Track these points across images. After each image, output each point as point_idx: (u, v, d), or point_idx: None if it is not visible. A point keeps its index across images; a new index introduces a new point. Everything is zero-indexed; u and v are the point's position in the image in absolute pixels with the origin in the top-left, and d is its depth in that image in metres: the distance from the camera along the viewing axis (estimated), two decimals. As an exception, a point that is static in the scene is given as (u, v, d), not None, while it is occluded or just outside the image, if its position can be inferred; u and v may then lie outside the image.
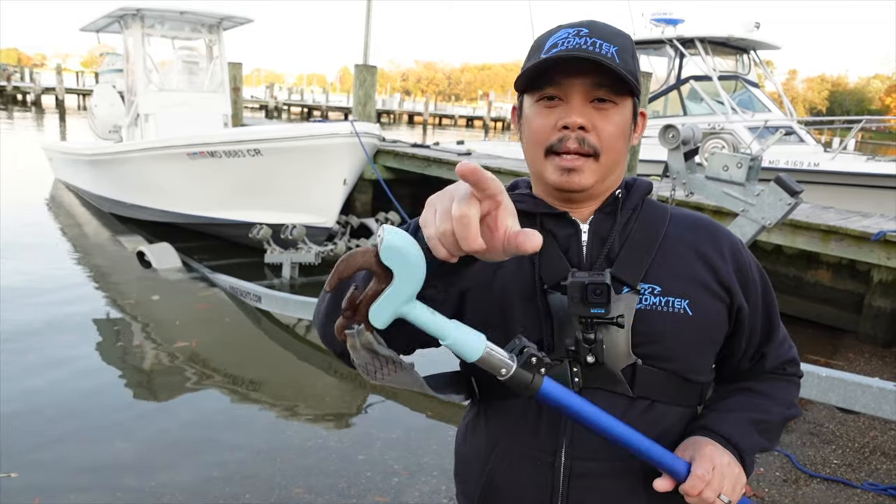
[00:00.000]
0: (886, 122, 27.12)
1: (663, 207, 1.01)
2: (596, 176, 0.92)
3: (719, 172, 3.59)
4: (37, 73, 36.18)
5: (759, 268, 1.01)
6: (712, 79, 10.40)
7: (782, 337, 1.05)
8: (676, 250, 0.94)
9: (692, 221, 0.99)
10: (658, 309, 0.90)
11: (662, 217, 0.98)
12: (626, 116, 0.92)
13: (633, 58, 0.91)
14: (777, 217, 3.39)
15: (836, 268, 5.70)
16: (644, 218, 0.97)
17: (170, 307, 5.55)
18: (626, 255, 0.93)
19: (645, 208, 0.98)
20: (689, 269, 0.93)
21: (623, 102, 0.91)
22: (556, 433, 0.91)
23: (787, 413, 1.03)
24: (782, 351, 1.05)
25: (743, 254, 0.99)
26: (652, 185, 1.02)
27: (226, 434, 3.47)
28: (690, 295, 0.91)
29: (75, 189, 10.20)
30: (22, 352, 4.32)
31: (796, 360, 1.07)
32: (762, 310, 1.00)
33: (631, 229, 0.95)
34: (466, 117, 46.93)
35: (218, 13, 8.27)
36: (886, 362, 4.92)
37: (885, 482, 3.16)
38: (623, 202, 0.97)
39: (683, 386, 0.94)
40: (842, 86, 77.23)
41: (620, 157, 0.94)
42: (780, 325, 1.05)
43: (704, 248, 0.95)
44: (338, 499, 2.90)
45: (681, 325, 0.90)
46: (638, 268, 0.92)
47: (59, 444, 3.28)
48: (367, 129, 6.32)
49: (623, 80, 0.87)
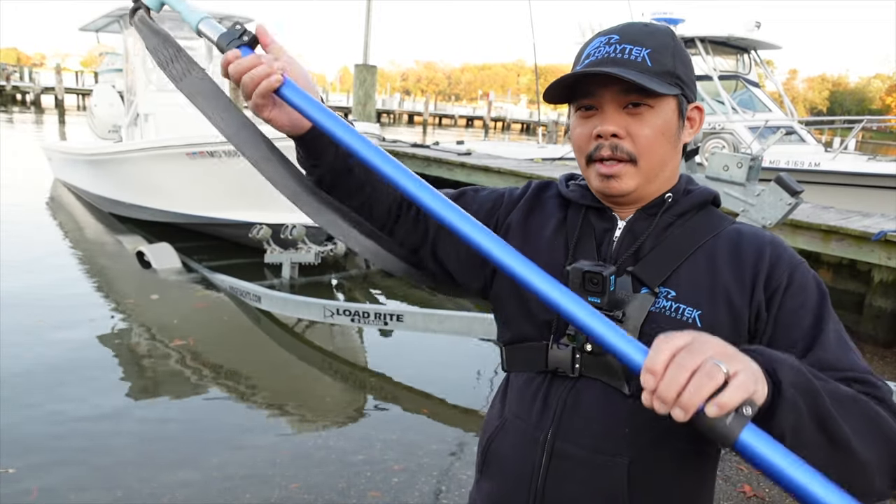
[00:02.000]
0: (887, 121, 27.12)
1: (722, 220, 0.97)
2: (637, 180, 0.93)
3: (719, 172, 3.59)
4: (36, 73, 36.23)
5: (814, 287, 0.90)
6: (713, 78, 10.40)
7: (839, 359, 0.85)
8: (708, 261, 0.91)
9: (744, 237, 0.93)
10: (667, 314, 0.89)
11: (712, 228, 0.95)
12: (666, 117, 0.91)
13: (672, 55, 0.92)
14: (777, 217, 3.38)
15: (836, 268, 5.70)
16: (690, 226, 0.95)
17: (169, 307, 5.55)
18: (654, 256, 0.93)
19: (697, 217, 0.96)
20: (711, 281, 0.90)
21: (660, 103, 0.91)
22: (550, 410, 0.94)
23: (862, 399, 0.78)
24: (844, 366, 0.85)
25: (779, 271, 0.89)
26: (714, 195, 0.98)
27: (225, 434, 3.47)
28: (704, 306, 0.88)
29: (75, 189, 10.19)
30: (21, 350, 4.31)
31: (872, 383, 0.83)
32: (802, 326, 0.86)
33: (670, 234, 0.95)
34: (466, 117, 46.95)
35: (217, 13, 8.26)
36: (887, 362, 4.92)
37: (886, 482, 3.15)
38: (670, 206, 0.96)
39: None
40: (842, 85, 77.23)
41: (665, 158, 0.94)
42: (833, 347, 0.86)
43: (741, 262, 0.90)
44: (337, 498, 2.89)
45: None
46: (661, 271, 0.91)
47: (58, 442, 3.27)
48: (366, 129, 6.31)
49: (659, 83, 0.89)
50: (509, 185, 1.14)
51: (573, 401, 0.93)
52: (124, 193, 8.25)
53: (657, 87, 0.88)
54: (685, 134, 0.96)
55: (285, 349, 4.89)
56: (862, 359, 0.88)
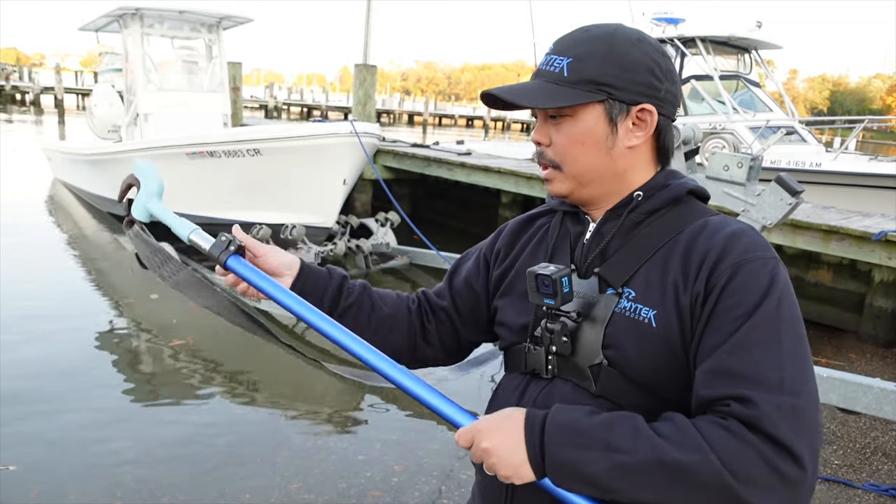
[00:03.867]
0: (888, 121, 27.12)
1: (695, 215, 0.93)
2: (567, 184, 0.97)
3: (720, 172, 3.57)
4: (36, 73, 36.19)
5: (758, 286, 0.81)
6: (714, 78, 10.38)
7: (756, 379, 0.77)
8: (664, 259, 0.89)
9: (705, 231, 0.89)
10: (626, 314, 0.89)
11: (681, 225, 0.92)
12: (587, 125, 0.92)
13: (601, 60, 0.91)
14: (778, 217, 3.37)
15: (837, 268, 5.69)
16: (660, 223, 0.93)
17: (169, 307, 5.54)
18: (620, 257, 0.93)
19: (669, 214, 0.93)
20: (667, 280, 0.87)
21: (580, 112, 0.92)
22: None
23: (671, 459, 0.74)
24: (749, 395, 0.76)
25: (723, 266, 0.83)
26: (690, 189, 0.95)
27: (225, 434, 3.46)
28: (659, 306, 0.87)
29: (74, 189, 10.19)
30: (21, 349, 4.31)
31: (754, 403, 0.74)
32: (723, 330, 0.81)
33: (638, 233, 0.94)
34: (466, 117, 46.92)
35: (217, 13, 8.26)
36: (888, 363, 4.91)
37: (887, 483, 3.15)
38: (639, 204, 0.94)
39: (652, 399, 0.88)
40: (843, 85, 77.24)
41: (593, 165, 0.94)
42: (760, 368, 0.77)
43: (690, 258, 0.87)
44: (337, 498, 2.89)
45: (643, 335, 0.87)
46: (624, 271, 0.91)
47: (58, 441, 3.27)
48: (366, 129, 6.31)
49: (568, 93, 0.91)
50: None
51: (543, 400, 0.95)
52: (124, 193, 8.24)
53: (542, 101, 0.91)
54: (630, 137, 0.93)
55: (285, 349, 4.88)
56: (791, 368, 0.77)
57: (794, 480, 0.73)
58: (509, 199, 8.11)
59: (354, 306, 1.12)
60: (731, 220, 0.92)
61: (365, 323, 1.12)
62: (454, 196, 9.19)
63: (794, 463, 0.73)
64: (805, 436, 0.74)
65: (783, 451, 0.73)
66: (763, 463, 0.73)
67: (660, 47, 0.95)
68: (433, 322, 1.17)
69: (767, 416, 0.74)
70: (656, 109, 0.92)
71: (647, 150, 0.96)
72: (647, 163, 0.97)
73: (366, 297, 1.14)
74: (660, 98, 0.93)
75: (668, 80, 0.93)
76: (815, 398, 0.78)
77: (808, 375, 0.79)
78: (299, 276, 1.10)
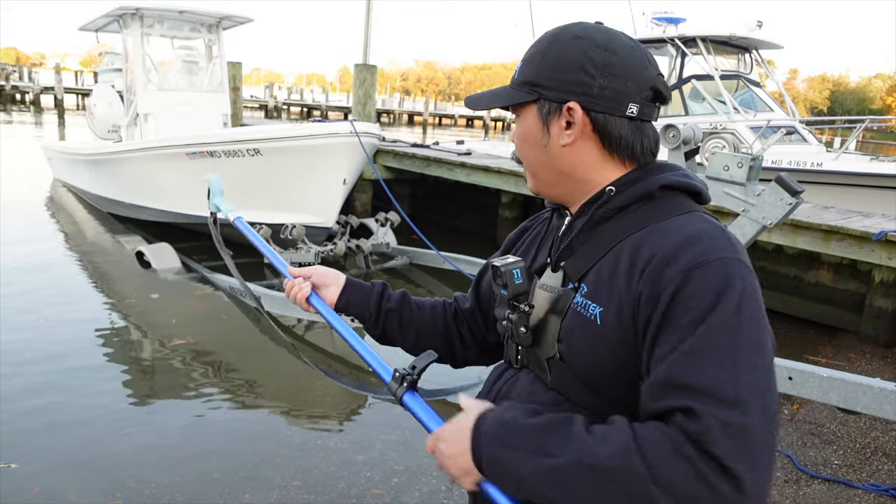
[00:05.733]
0: (888, 121, 27.11)
1: (663, 212, 0.89)
2: (532, 181, 1.01)
3: (720, 172, 3.57)
4: (35, 73, 36.17)
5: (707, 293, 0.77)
6: (714, 78, 10.37)
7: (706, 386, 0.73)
8: (616, 257, 0.88)
9: (655, 232, 0.86)
10: (578, 309, 0.89)
11: (647, 221, 0.88)
12: (527, 124, 0.97)
13: (540, 62, 0.94)
14: (778, 217, 3.37)
15: (837, 268, 5.68)
16: (626, 220, 0.91)
17: (169, 307, 5.54)
18: (582, 251, 0.93)
19: (639, 210, 0.90)
20: (615, 278, 0.86)
21: (522, 112, 0.97)
22: (490, 396, 1.03)
23: (596, 462, 0.72)
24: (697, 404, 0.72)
25: (671, 271, 0.79)
26: (661, 185, 0.91)
27: (225, 434, 3.46)
28: (605, 304, 0.86)
29: (74, 189, 10.18)
30: (21, 348, 4.31)
31: (697, 415, 0.71)
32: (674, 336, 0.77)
33: (603, 228, 0.92)
34: (466, 117, 46.90)
35: (217, 13, 8.25)
36: (888, 363, 4.91)
37: (887, 483, 3.14)
38: (608, 200, 0.92)
39: (598, 398, 0.87)
40: (843, 85, 77.17)
41: (537, 162, 0.97)
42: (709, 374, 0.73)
43: (637, 259, 0.84)
44: (337, 498, 2.89)
45: (588, 332, 0.87)
46: (582, 266, 0.92)
47: (58, 440, 3.27)
48: (366, 129, 6.30)
49: (509, 95, 0.97)
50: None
51: (507, 389, 1.00)
52: (124, 193, 8.24)
53: (487, 102, 1.00)
54: (562, 136, 0.92)
55: (285, 349, 4.88)
56: (745, 380, 0.72)
57: (729, 499, 0.69)
58: (509, 199, 8.10)
59: (395, 311, 1.20)
60: (697, 219, 0.86)
61: (407, 325, 1.20)
62: (454, 196, 9.19)
63: (731, 484, 0.68)
64: (750, 457, 0.69)
65: (721, 471, 0.69)
66: (697, 479, 0.69)
67: (602, 42, 0.91)
68: (465, 325, 1.23)
69: (710, 432, 0.70)
70: (586, 107, 0.91)
71: (592, 148, 0.93)
72: (599, 160, 0.94)
73: (405, 304, 1.21)
74: (592, 95, 0.90)
75: (604, 75, 0.90)
76: (769, 414, 0.72)
77: (764, 389, 0.73)
78: (345, 289, 1.21)
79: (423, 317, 1.21)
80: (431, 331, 1.21)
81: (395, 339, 1.22)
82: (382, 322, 1.20)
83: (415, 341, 1.20)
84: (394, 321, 1.20)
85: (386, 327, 1.20)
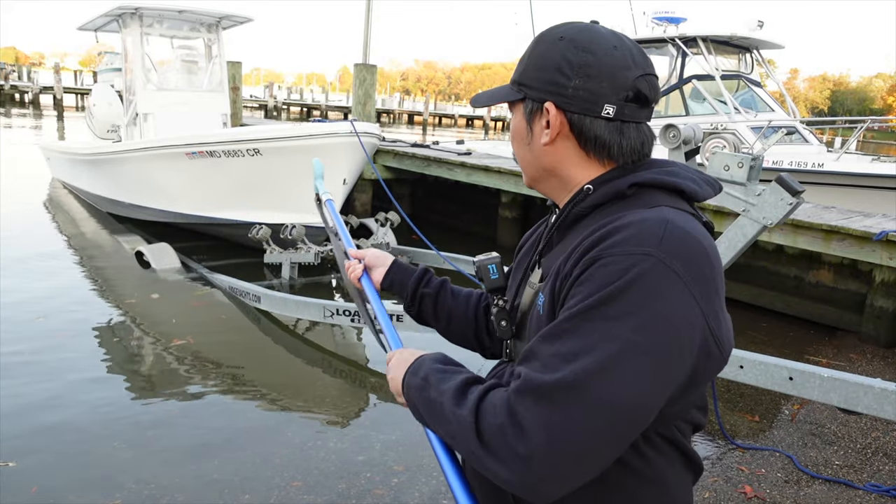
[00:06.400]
0: (889, 121, 27.09)
1: (628, 208, 0.87)
2: (525, 176, 1.03)
3: (720, 172, 3.56)
4: (35, 73, 36.18)
5: (603, 279, 0.77)
6: (715, 78, 10.36)
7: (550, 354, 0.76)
8: (571, 251, 0.87)
9: (605, 223, 0.85)
10: (538, 302, 0.93)
11: (608, 218, 0.87)
12: (515, 121, 1.00)
13: (526, 61, 0.97)
14: (778, 217, 3.37)
15: (837, 268, 5.68)
16: (600, 216, 0.89)
17: (168, 307, 5.53)
18: (557, 249, 0.95)
19: (612, 207, 0.89)
20: (559, 270, 0.87)
21: (513, 111, 1.00)
22: None
23: (448, 408, 0.83)
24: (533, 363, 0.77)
25: (585, 259, 0.81)
26: (632, 182, 0.89)
27: (225, 435, 3.45)
28: (548, 295, 0.88)
29: (73, 189, 10.18)
30: (21, 349, 4.30)
31: (525, 378, 0.75)
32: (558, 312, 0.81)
33: (578, 226, 0.93)
34: (466, 117, 46.93)
35: (217, 12, 8.24)
36: (888, 363, 4.90)
37: (888, 483, 3.14)
38: (586, 198, 0.93)
39: None
40: (843, 85, 77.15)
41: (524, 158, 1.00)
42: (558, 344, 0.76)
43: (572, 252, 0.86)
44: (337, 499, 2.88)
45: (537, 323, 0.91)
46: (552, 261, 0.93)
47: (58, 439, 3.27)
48: (366, 129, 6.29)
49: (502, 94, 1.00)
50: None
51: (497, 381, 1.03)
52: (123, 193, 8.24)
53: (486, 101, 1.03)
54: (542, 135, 0.94)
55: (285, 349, 4.88)
56: (582, 357, 0.72)
57: (523, 456, 0.71)
58: (509, 199, 8.10)
59: (430, 296, 1.27)
60: (653, 212, 0.83)
61: (440, 310, 1.27)
62: (454, 196, 9.18)
63: (521, 438, 0.72)
64: (542, 414, 0.71)
65: (515, 425, 0.73)
66: (500, 432, 0.74)
67: (586, 43, 0.90)
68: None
69: (517, 388, 0.75)
70: (561, 107, 0.91)
71: (568, 147, 0.94)
72: (578, 159, 0.94)
73: (442, 290, 1.28)
74: (566, 96, 0.91)
75: (579, 75, 0.89)
76: (593, 395, 0.71)
77: (595, 374, 0.71)
78: (390, 270, 1.30)
79: (457, 305, 1.26)
80: (462, 319, 1.26)
81: (429, 320, 1.29)
82: (418, 304, 1.28)
83: (446, 326, 1.27)
84: (428, 305, 1.27)
85: (421, 309, 1.28)
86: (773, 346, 5.10)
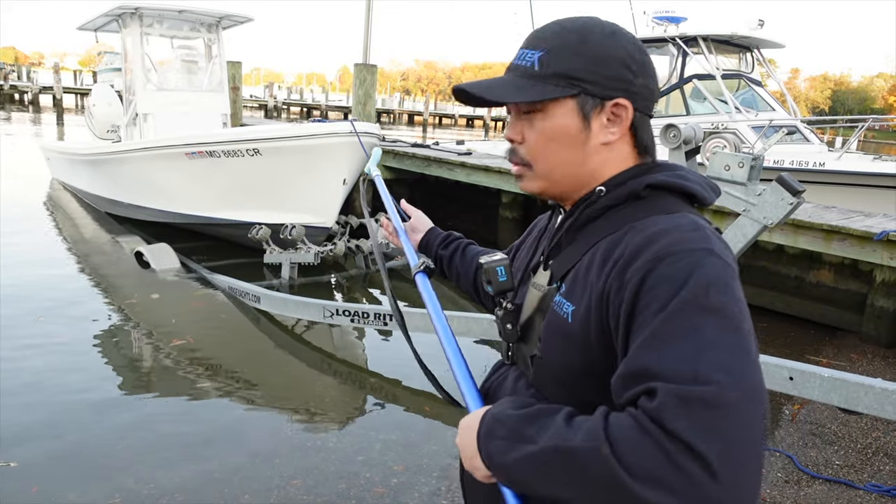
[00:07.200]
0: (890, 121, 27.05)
1: (646, 211, 0.87)
2: (538, 182, 0.95)
3: (720, 172, 3.56)
4: (34, 72, 36.13)
5: (670, 283, 0.74)
6: (715, 77, 10.35)
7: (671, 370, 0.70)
8: (591, 256, 0.87)
9: (632, 230, 0.84)
10: (555, 308, 0.90)
11: (627, 220, 0.87)
12: (559, 120, 0.90)
13: (574, 53, 0.88)
14: (779, 217, 3.36)
15: (838, 268, 5.67)
16: (614, 218, 0.89)
17: (168, 307, 5.53)
18: (568, 251, 0.93)
19: (625, 210, 0.88)
20: (588, 276, 0.85)
21: (551, 107, 0.90)
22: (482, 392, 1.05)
23: (567, 446, 0.72)
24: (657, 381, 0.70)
25: (636, 266, 0.78)
26: (646, 184, 0.88)
27: (224, 435, 3.45)
28: (577, 303, 0.86)
29: (73, 189, 10.17)
30: (22, 349, 4.30)
31: (654, 393, 0.69)
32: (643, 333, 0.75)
33: (589, 228, 0.92)
34: (466, 117, 46.90)
35: (217, 12, 8.24)
36: (889, 363, 4.89)
37: (889, 483, 3.13)
38: (597, 199, 0.91)
39: (573, 399, 0.85)
40: (844, 85, 77.11)
41: (565, 161, 0.91)
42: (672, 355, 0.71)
43: (609, 257, 0.83)
44: (337, 499, 2.88)
45: (561, 330, 0.88)
46: (565, 265, 0.92)
47: (58, 439, 3.27)
48: (367, 129, 6.29)
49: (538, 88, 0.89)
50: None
51: (497, 385, 1.03)
52: (123, 193, 8.24)
53: (512, 95, 0.90)
54: (604, 133, 0.90)
55: (284, 349, 4.87)
56: (711, 357, 0.69)
57: (698, 482, 0.64)
58: (509, 199, 8.09)
59: (446, 256, 1.42)
60: (676, 217, 0.83)
61: (453, 268, 1.42)
62: (454, 196, 9.17)
63: (697, 463, 0.64)
64: (720, 437, 0.65)
65: (687, 450, 0.64)
66: (663, 457, 0.65)
67: (635, 41, 0.91)
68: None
69: (666, 408, 0.66)
70: (631, 104, 0.89)
71: (623, 147, 0.92)
72: (623, 159, 0.92)
73: (456, 251, 1.42)
74: (634, 92, 0.89)
75: (642, 74, 0.90)
76: (743, 392, 0.68)
77: (731, 367, 0.69)
78: (426, 234, 1.47)
79: (464, 264, 1.40)
80: (465, 277, 1.40)
81: (450, 278, 1.44)
82: (438, 262, 1.44)
83: (456, 281, 1.42)
84: (444, 263, 1.43)
85: (441, 266, 1.44)
86: (774, 345, 5.09)
